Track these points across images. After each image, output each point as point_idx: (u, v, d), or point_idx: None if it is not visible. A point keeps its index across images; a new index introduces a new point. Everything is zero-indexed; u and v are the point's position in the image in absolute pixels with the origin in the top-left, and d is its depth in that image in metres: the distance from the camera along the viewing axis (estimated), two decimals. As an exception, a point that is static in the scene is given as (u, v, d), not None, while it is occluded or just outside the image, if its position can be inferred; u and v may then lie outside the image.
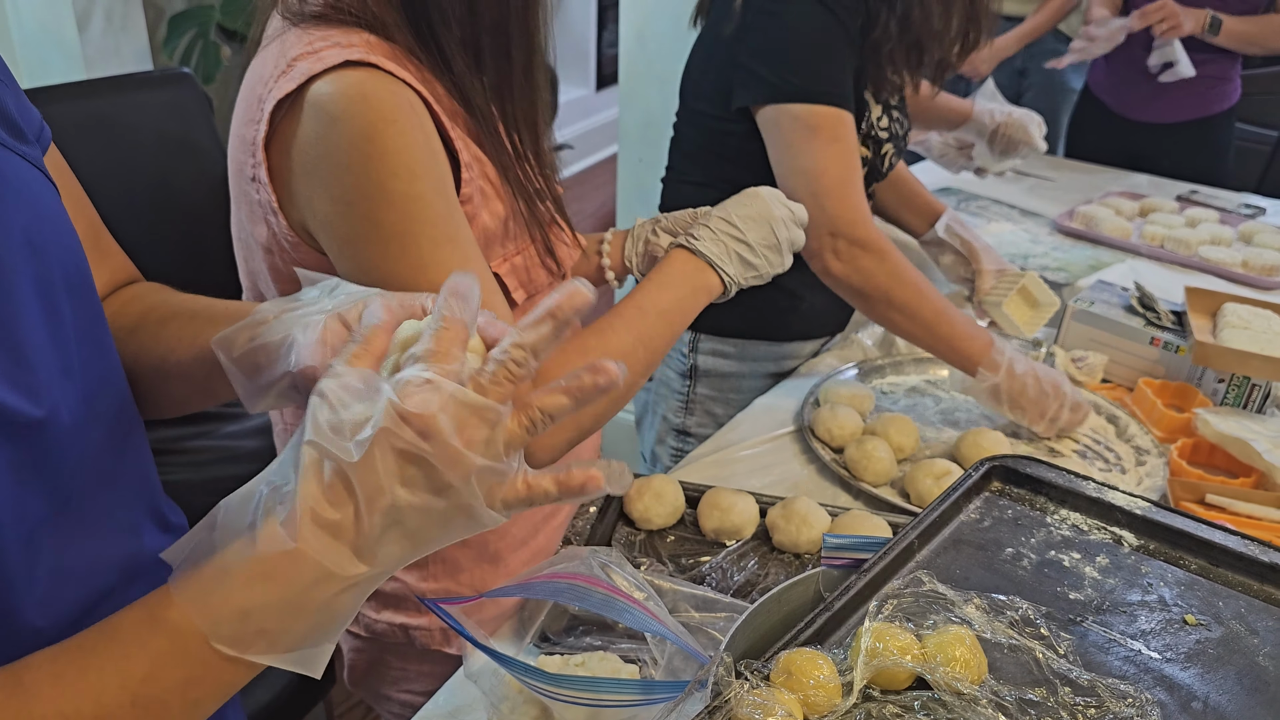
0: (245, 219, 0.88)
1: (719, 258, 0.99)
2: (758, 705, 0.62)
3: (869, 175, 1.39)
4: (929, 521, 0.83)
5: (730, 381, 1.50)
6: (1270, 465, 1.21)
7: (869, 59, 1.30)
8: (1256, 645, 0.75)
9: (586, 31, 5.19)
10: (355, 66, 0.78)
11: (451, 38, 0.84)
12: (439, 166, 0.83)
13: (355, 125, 0.77)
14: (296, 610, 0.50)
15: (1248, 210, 2.13)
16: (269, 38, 0.86)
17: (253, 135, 0.82)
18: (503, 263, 0.92)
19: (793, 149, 1.25)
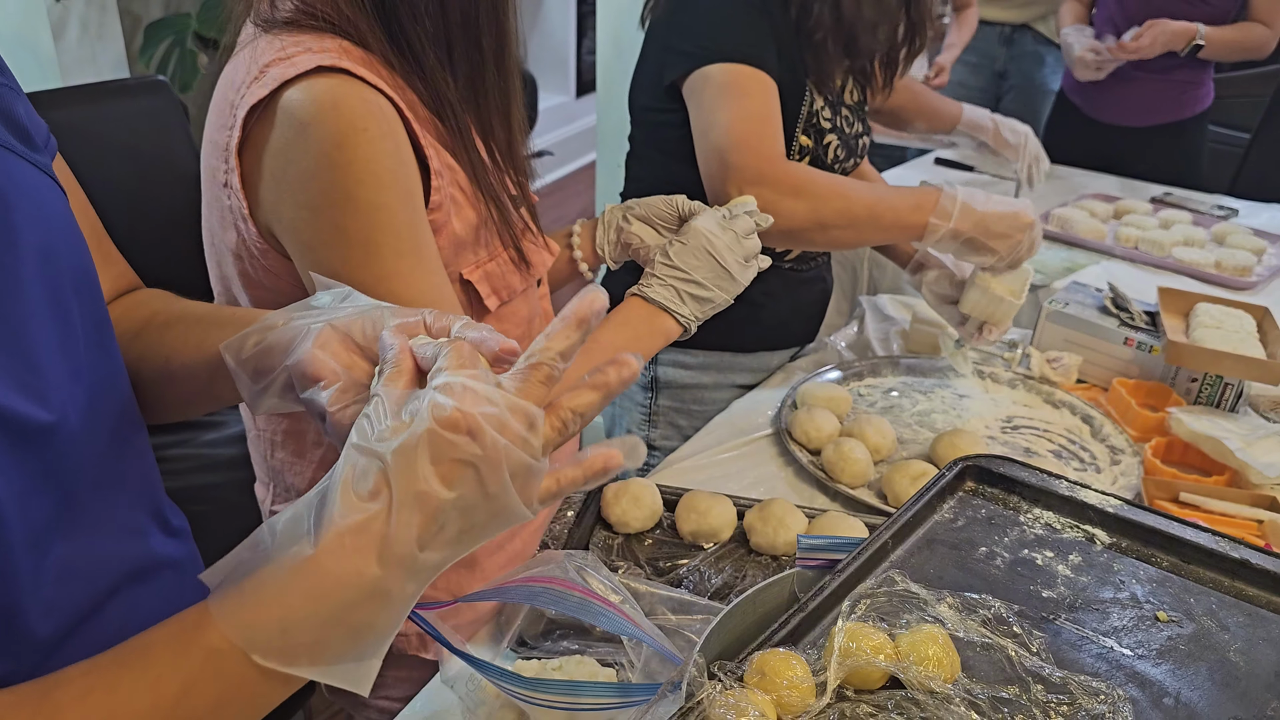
0: (216, 224, 0.88)
1: (670, 301, 1.01)
2: (731, 706, 0.62)
3: (813, 164, 1.39)
4: (903, 521, 0.83)
5: (692, 393, 1.51)
6: (1243, 463, 1.22)
7: (805, 48, 1.32)
8: (1227, 641, 0.75)
9: (566, 38, 5.20)
10: (328, 72, 0.78)
11: (423, 33, 0.84)
12: (408, 176, 0.83)
13: (325, 132, 0.77)
14: (339, 624, 0.50)
15: (1221, 212, 2.15)
16: (241, 44, 0.86)
17: (225, 141, 0.82)
18: (475, 269, 0.92)
19: (704, 109, 1.26)
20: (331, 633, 0.50)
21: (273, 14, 0.84)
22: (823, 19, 1.29)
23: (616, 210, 1.14)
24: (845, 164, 1.45)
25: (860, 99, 1.47)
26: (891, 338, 1.58)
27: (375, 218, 0.80)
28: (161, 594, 0.73)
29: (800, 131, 1.37)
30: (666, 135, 1.38)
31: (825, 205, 1.25)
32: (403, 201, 0.82)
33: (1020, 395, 1.44)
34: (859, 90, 1.47)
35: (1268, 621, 0.77)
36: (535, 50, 5.29)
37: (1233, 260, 1.84)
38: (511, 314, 0.97)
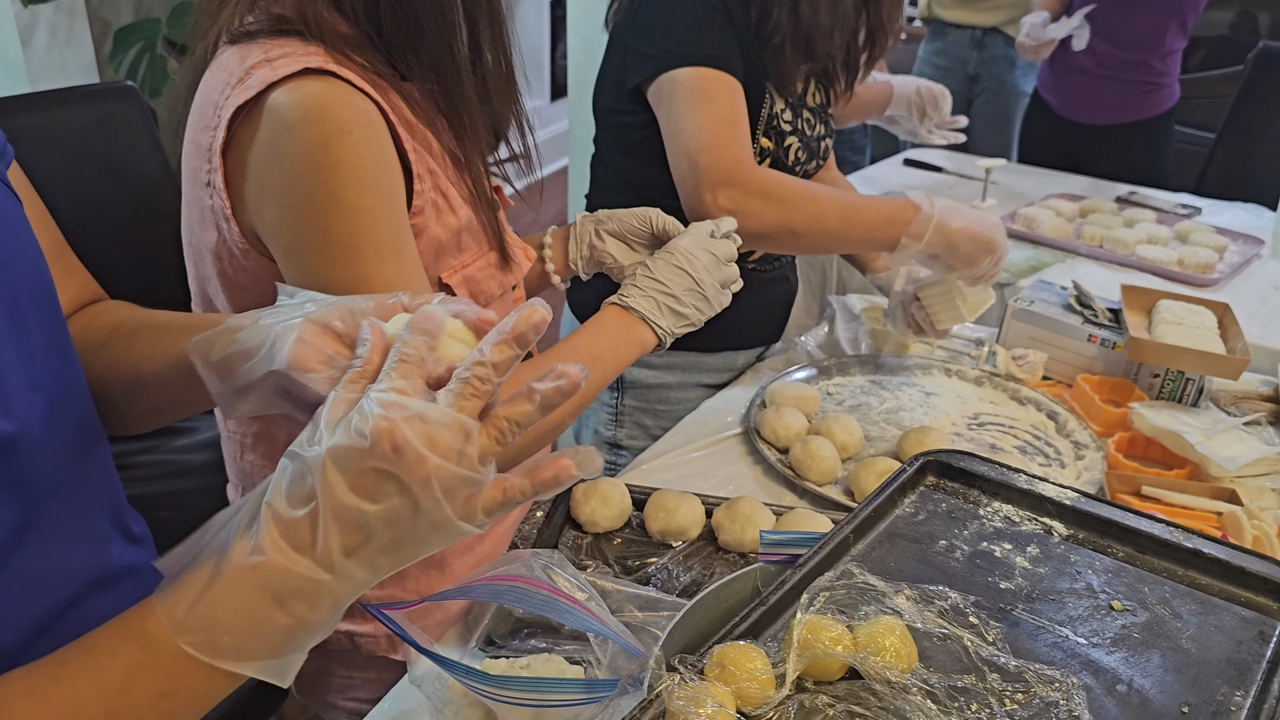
0: (196, 225, 0.88)
1: (650, 312, 1.01)
2: (690, 698, 0.63)
3: (774, 166, 1.40)
4: (864, 516, 0.84)
5: (658, 393, 1.51)
6: (1202, 457, 1.24)
7: (765, 51, 1.33)
8: (1180, 628, 0.77)
9: (540, 42, 5.20)
10: (314, 75, 0.79)
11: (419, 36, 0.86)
12: (391, 180, 0.83)
13: (311, 135, 0.78)
14: (264, 620, 0.51)
15: (1184, 210, 2.18)
16: (221, 51, 0.86)
17: (209, 141, 0.82)
18: (454, 273, 0.93)
19: (673, 113, 1.27)
20: (255, 629, 0.51)
21: (247, 24, 0.85)
22: (781, 23, 1.31)
23: (588, 222, 1.14)
24: (806, 165, 1.46)
25: (823, 101, 1.49)
26: (861, 337, 1.59)
27: (358, 220, 0.81)
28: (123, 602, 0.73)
29: (761, 133, 1.38)
30: (630, 137, 1.39)
31: (796, 211, 1.25)
32: (386, 205, 0.82)
33: (987, 392, 1.46)
34: (822, 93, 1.49)
35: (1219, 609, 0.79)
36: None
37: (1195, 258, 1.87)
38: None
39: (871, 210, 1.28)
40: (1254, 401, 1.44)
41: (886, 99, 1.87)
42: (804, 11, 1.30)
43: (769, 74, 1.36)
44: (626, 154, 1.42)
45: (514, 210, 1.12)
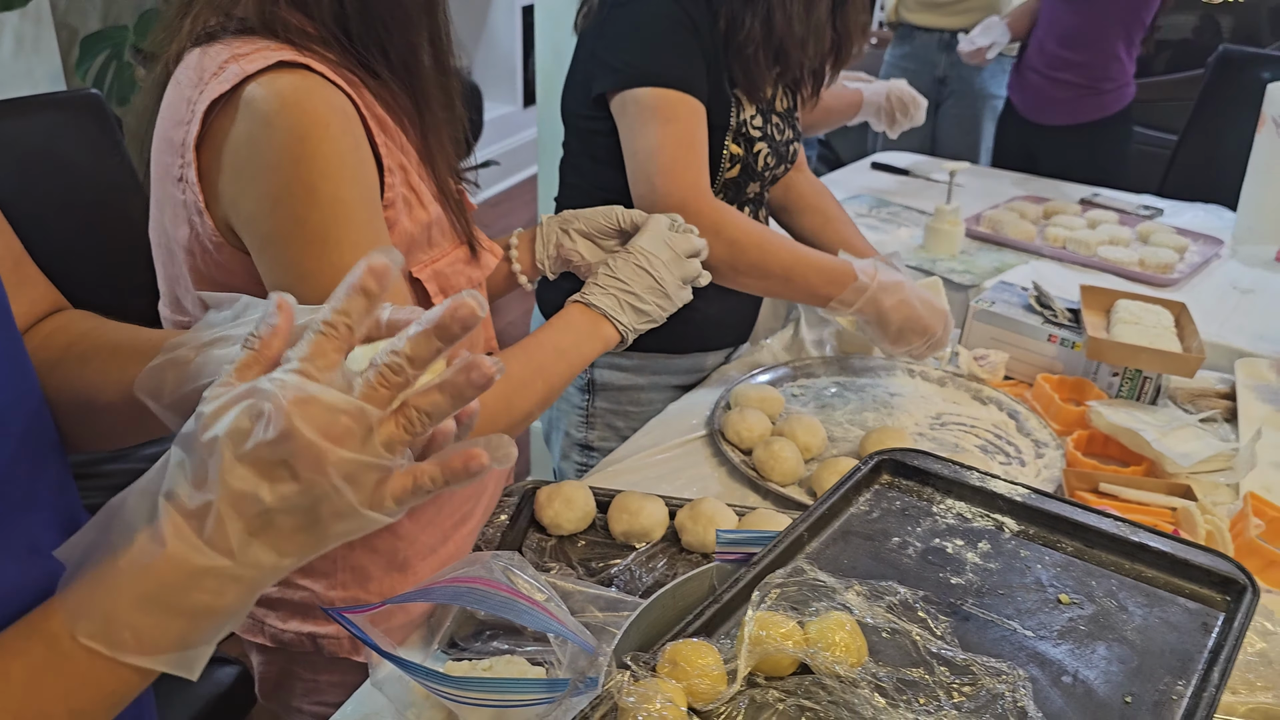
0: (168, 222, 0.89)
1: (612, 309, 1.04)
2: (640, 695, 0.64)
3: (744, 172, 1.42)
4: (818, 514, 0.86)
5: (629, 394, 1.52)
6: (1158, 454, 1.26)
7: (735, 60, 1.34)
8: (1125, 620, 0.78)
9: (512, 49, 5.21)
10: (288, 68, 0.81)
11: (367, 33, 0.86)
12: (367, 172, 0.85)
13: (289, 126, 0.80)
14: (168, 610, 0.50)
15: (1146, 211, 2.21)
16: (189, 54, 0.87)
17: (182, 136, 0.83)
18: (424, 268, 0.94)
19: (633, 131, 1.29)
20: (158, 621, 0.50)
21: (216, 27, 0.86)
22: (754, 32, 1.32)
23: (554, 222, 1.16)
24: (775, 170, 1.47)
25: (790, 105, 1.50)
26: (826, 339, 1.61)
27: (335, 211, 0.82)
28: None
29: (731, 140, 1.39)
30: (597, 142, 1.40)
31: (742, 253, 1.28)
32: (362, 196, 0.84)
33: (949, 392, 1.48)
34: (789, 97, 1.50)
35: (1164, 601, 0.80)
36: (481, 61, 5.30)
37: (1155, 258, 1.89)
38: None
39: (814, 269, 1.32)
40: (1210, 399, 1.46)
41: (856, 107, 1.89)
42: (777, 21, 1.31)
43: (738, 82, 1.37)
44: (594, 159, 1.43)
45: (483, 217, 1.14)
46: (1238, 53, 2.74)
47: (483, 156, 4.53)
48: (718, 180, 1.41)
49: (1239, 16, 3.51)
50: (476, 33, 5.24)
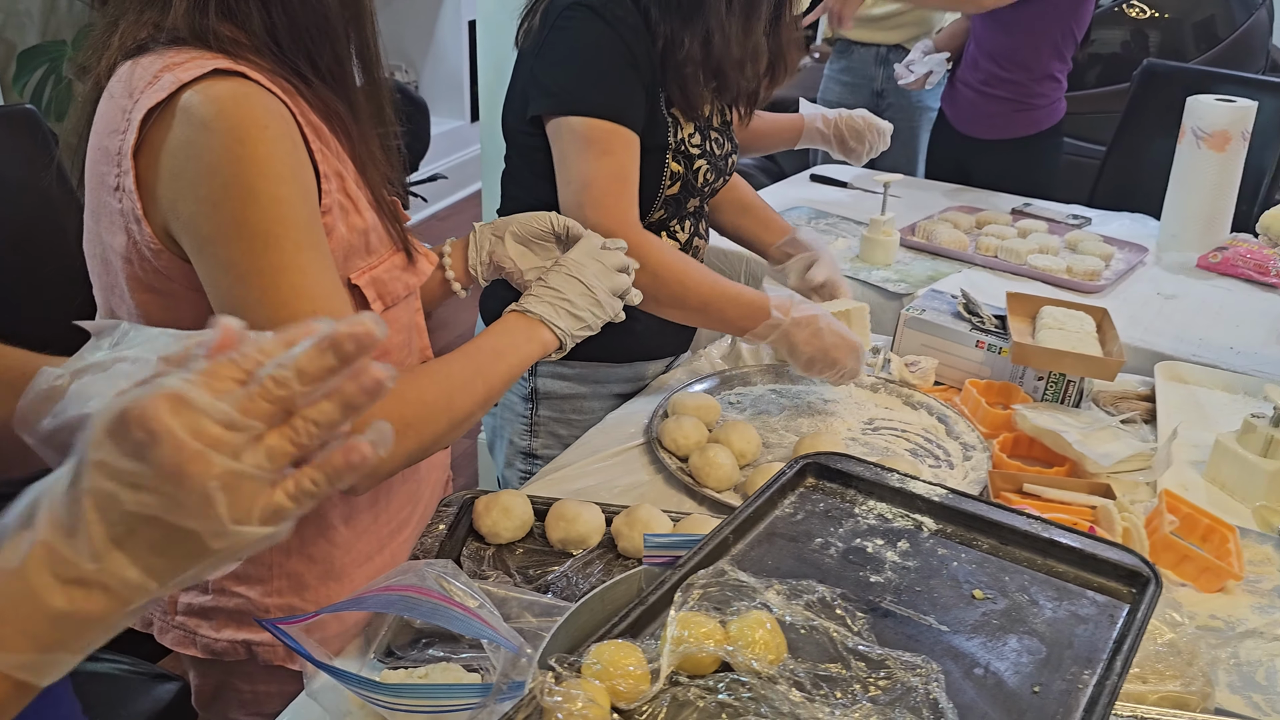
0: (104, 231, 0.89)
1: (548, 314, 1.06)
2: (564, 695, 0.66)
3: (684, 189, 1.45)
4: (744, 517, 0.88)
5: (572, 403, 1.54)
6: (1080, 454, 1.31)
7: (672, 80, 1.36)
8: (1036, 614, 0.82)
9: (460, 64, 5.21)
10: (224, 76, 0.82)
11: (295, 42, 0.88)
12: (305, 175, 0.86)
13: (227, 129, 0.81)
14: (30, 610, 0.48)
15: (1075, 220, 2.28)
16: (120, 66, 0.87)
17: (118, 145, 0.84)
18: (362, 274, 0.95)
19: (567, 159, 1.32)
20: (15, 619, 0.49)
21: (147, 39, 0.86)
22: (693, 53, 1.34)
23: (486, 229, 1.18)
24: (714, 184, 1.51)
25: (726, 119, 1.53)
26: (762, 347, 1.64)
27: (276, 210, 0.83)
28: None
29: (670, 158, 1.42)
30: (537, 159, 1.41)
31: (662, 286, 1.33)
32: (302, 197, 0.85)
33: (881, 398, 1.51)
34: (725, 111, 1.53)
35: (1074, 595, 0.84)
36: (429, 76, 5.29)
37: (1083, 265, 1.95)
38: (394, 319, 1.01)
39: (731, 304, 1.36)
40: (1132, 401, 1.51)
41: (796, 132, 1.91)
42: (716, 44, 1.33)
43: (675, 102, 1.39)
44: (535, 174, 1.44)
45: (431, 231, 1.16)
46: (1161, 67, 2.83)
47: (430, 171, 4.54)
48: (658, 198, 1.44)
49: (1166, 32, 3.62)
50: (424, 48, 5.24)
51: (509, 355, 1.03)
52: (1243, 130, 2.06)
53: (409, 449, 0.94)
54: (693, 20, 1.32)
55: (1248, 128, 2.07)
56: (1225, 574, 1.12)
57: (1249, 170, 2.18)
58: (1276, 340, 1.76)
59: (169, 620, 1.04)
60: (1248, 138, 2.08)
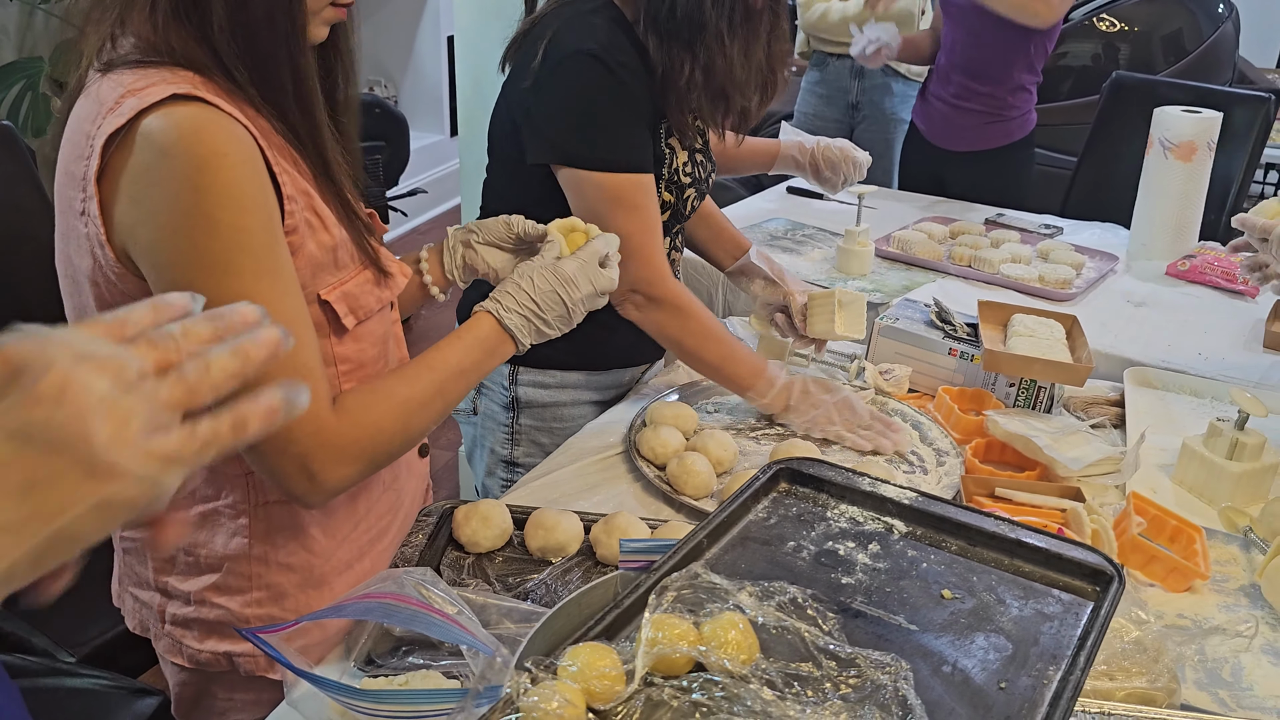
0: (73, 254, 0.90)
1: (518, 329, 1.07)
2: (540, 695, 0.67)
3: (672, 217, 1.47)
4: (718, 521, 0.90)
5: (552, 411, 1.56)
6: (1050, 459, 1.33)
7: (673, 108, 1.37)
8: (1003, 612, 0.83)
9: (439, 79, 5.23)
10: (184, 101, 0.82)
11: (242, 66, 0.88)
12: (266, 200, 0.87)
13: (187, 157, 0.82)
14: None
15: (1047, 230, 2.31)
16: (90, 82, 0.88)
17: (82, 170, 0.85)
18: (333, 290, 0.96)
19: (597, 214, 1.30)
20: None
21: (114, 55, 0.87)
22: (695, 79, 1.34)
23: (458, 234, 1.20)
24: (697, 207, 1.54)
25: (705, 139, 1.55)
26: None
27: (236, 239, 0.84)
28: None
29: (663, 189, 1.44)
30: (532, 188, 1.41)
31: (690, 336, 1.42)
32: (262, 224, 0.86)
33: (857, 406, 1.53)
34: (701, 133, 1.55)
35: (1040, 594, 0.86)
36: (408, 90, 5.31)
37: (1054, 274, 1.98)
38: (368, 333, 1.02)
39: (742, 363, 1.44)
40: (1101, 406, 1.54)
41: (771, 157, 1.93)
42: (718, 69, 1.33)
43: (673, 129, 1.41)
44: (526, 198, 1.44)
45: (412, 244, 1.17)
46: (1129, 79, 2.88)
47: (410, 185, 4.55)
48: None
49: (1135, 45, 3.68)
50: (403, 63, 5.25)
51: (471, 374, 1.04)
52: (1208, 140, 2.10)
53: (362, 468, 0.96)
54: (693, 46, 1.32)
55: (1213, 138, 2.11)
56: (1192, 574, 1.15)
57: (1216, 180, 2.23)
58: (1243, 346, 1.80)
59: (161, 628, 1.05)
60: (1213, 148, 2.12)
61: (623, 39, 1.33)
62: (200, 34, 0.86)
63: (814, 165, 1.89)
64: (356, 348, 1.00)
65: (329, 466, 0.92)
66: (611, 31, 1.33)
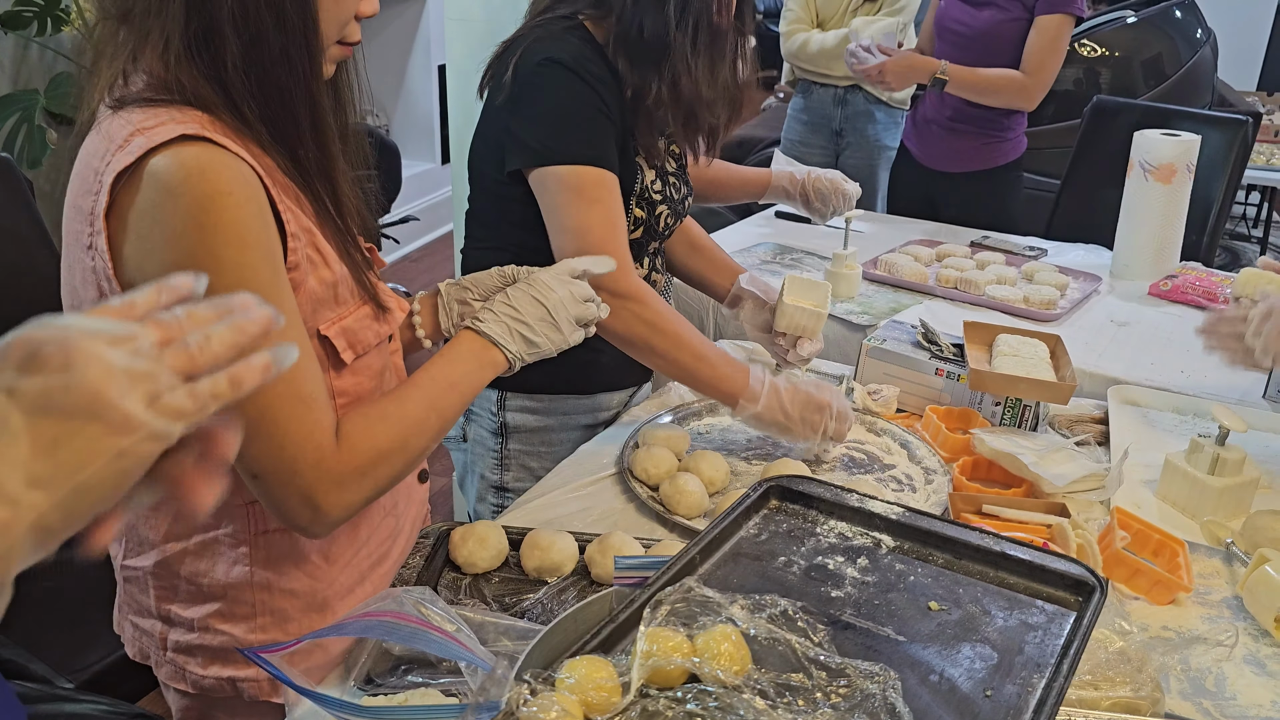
0: (79, 286, 0.93)
1: (501, 337, 1.10)
2: (539, 706, 0.69)
3: (646, 233, 1.50)
4: (710, 538, 0.92)
5: (541, 435, 1.58)
6: (1035, 475, 1.35)
7: (641, 126, 1.42)
8: (989, 622, 0.86)
9: (430, 107, 5.28)
10: (191, 141, 0.85)
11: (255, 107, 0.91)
12: (269, 238, 0.89)
13: (192, 196, 0.84)
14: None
15: (1032, 252, 2.35)
16: (101, 118, 0.91)
17: (90, 206, 0.87)
18: (332, 324, 0.99)
19: (559, 209, 1.36)
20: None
21: (126, 92, 0.90)
22: (662, 97, 1.39)
23: (452, 291, 1.22)
24: (672, 226, 1.56)
25: (681, 164, 1.58)
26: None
27: (239, 275, 0.86)
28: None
29: (635, 204, 1.47)
30: (511, 208, 1.44)
31: (659, 336, 1.38)
32: (265, 261, 0.89)
33: (846, 426, 1.56)
34: (674, 156, 1.58)
35: (1024, 605, 0.88)
36: (400, 119, 5.35)
37: (1039, 295, 2.02)
38: (365, 367, 1.04)
39: (719, 368, 1.40)
40: (1086, 424, 1.57)
41: (763, 186, 1.97)
42: (684, 87, 1.38)
43: (641, 148, 1.45)
44: (508, 221, 1.47)
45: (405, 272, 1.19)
46: (1110, 103, 2.93)
47: (402, 213, 4.58)
48: None
49: (1116, 69, 3.74)
50: (395, 92, 5.30)
51: (462, 385, 1.06)
52: (1187, 163, 2.14)
53: (365, 494, 0.97)
54: (661, 65, 1.37)
55: (1192, 160, 2.15)
56: (1176, 586, 1.17)
57: (1197, 201, 2.27)
58: (1225, 364, 1.83)
59: (163, 655, 1.06)
60: (1192, 170, 2.16)
61: (593, 55, 1.38)
62: (212, 72, 0.89)
63: (804, 195, 1.93)
64: (354, 381, 1.02)
65: (332, 495, 0.93)
66: (581, 47, 1.38)
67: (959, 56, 2.53)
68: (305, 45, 0.91)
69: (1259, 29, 6.69)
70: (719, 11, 1.39)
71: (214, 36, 0.88)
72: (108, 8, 0.93)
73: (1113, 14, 4.02)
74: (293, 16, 0.90)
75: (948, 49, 2.59)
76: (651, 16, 1.35)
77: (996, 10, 2.51)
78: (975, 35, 2.54)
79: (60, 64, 3.07)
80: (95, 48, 0.95)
